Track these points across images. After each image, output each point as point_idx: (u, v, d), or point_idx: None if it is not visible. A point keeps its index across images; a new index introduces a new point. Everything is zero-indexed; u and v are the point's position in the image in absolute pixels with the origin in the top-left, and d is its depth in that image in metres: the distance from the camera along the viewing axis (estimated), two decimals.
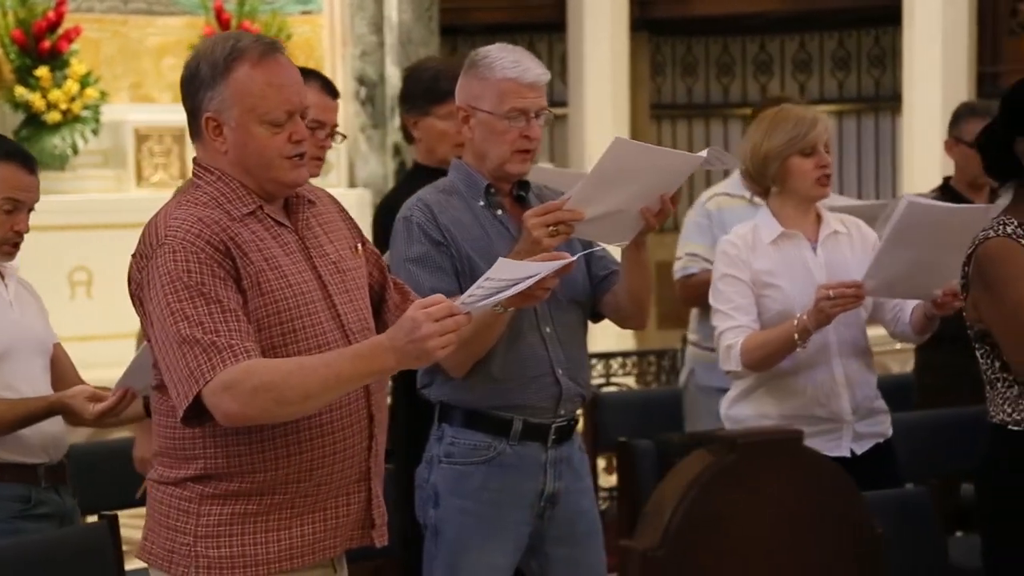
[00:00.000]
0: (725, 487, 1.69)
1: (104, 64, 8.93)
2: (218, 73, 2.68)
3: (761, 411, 3.85)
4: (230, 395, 2.55)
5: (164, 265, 2.61)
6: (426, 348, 2.49)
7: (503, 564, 3.38)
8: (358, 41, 9.32)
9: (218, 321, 2.59)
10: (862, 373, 3.85)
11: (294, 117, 2.71)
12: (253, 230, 2.70)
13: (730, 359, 3.79)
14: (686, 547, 1.66)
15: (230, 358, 2.56)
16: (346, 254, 2.83)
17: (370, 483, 2.79)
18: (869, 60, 10.67)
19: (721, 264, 3.88)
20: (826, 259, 3.84)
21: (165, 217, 2.68)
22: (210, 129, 2.70)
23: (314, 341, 2.70)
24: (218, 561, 2.67)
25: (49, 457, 3.62)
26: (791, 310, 3.76)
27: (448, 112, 4.34)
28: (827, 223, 3.91)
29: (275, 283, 2.68)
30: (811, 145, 3.79)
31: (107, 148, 8.72)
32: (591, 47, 9.79)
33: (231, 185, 2.71)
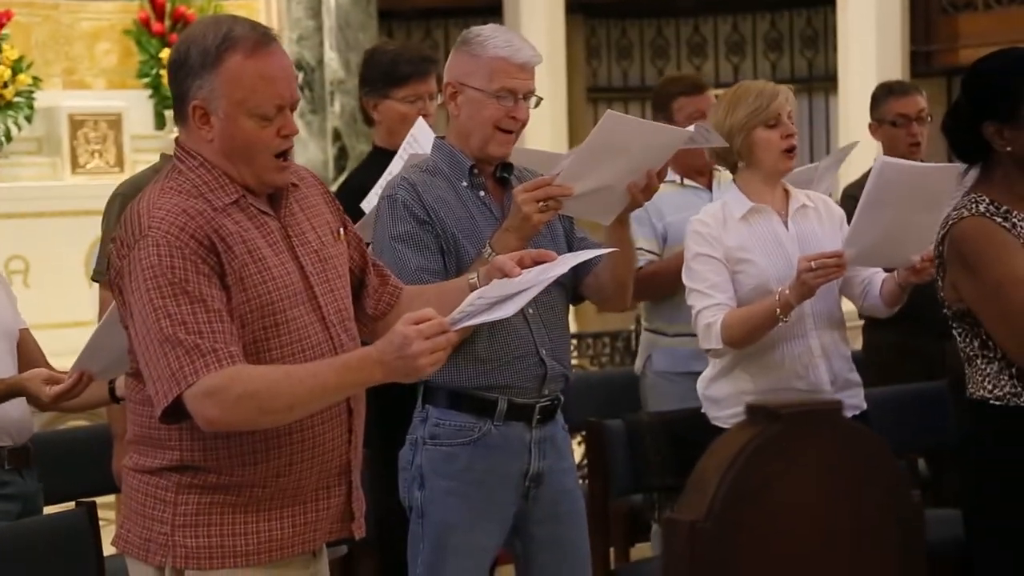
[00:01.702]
0: (769, 458, 1.69)
1: (36, 49, 8.79)
2: (209, 61, 2.60)
3: (740, 387, 3.86)
4: (213, 401, 2.51)
5: (147, 258, 2.56)
6: (416, 365, 2.47)
7: (489, 544, 3.38)
8: (295, 25, 9.25)
9: (202, 322, 2.54)
10: (837, 344, 3.87)
11: (284, 111, 2.65)
12: (236, 220, 2.64)
13: (710, 337, 3.79)
14: (732, 518, 1.66)
15: (214, 363, 2.52)
16: (328, 240, 2.78)
17: (350, 476, 2.76)
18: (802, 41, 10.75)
19: (693, 244, 3.88)
20: (797, 232, 3.85)
21: (148, 206, 2.62)
22: (197, 117, 2.64)
23: (296, 335, 2.65)
24: (195, 551, 2.63)
25: (12, 440, 3.58)
26: (766, 285, 3.77)
27: (407, 95, 4.34)
28: (795, 197, 3.92)
29: (258, 277, 2.63)
30: (774, 116, 3.80)
31: (41, 135, 8.60)
32: (527, 30, 9.77)
33: (214, 173, 2.66)
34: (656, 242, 4.74)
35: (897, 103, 5.23)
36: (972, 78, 3.34)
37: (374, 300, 2.95)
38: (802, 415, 1.72)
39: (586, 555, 3.50)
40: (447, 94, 3.43)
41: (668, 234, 4.75)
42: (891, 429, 4.39)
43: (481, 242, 3.32)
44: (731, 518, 1.68)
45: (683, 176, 4.83)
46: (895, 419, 4.53)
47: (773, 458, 1.71)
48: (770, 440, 1.71)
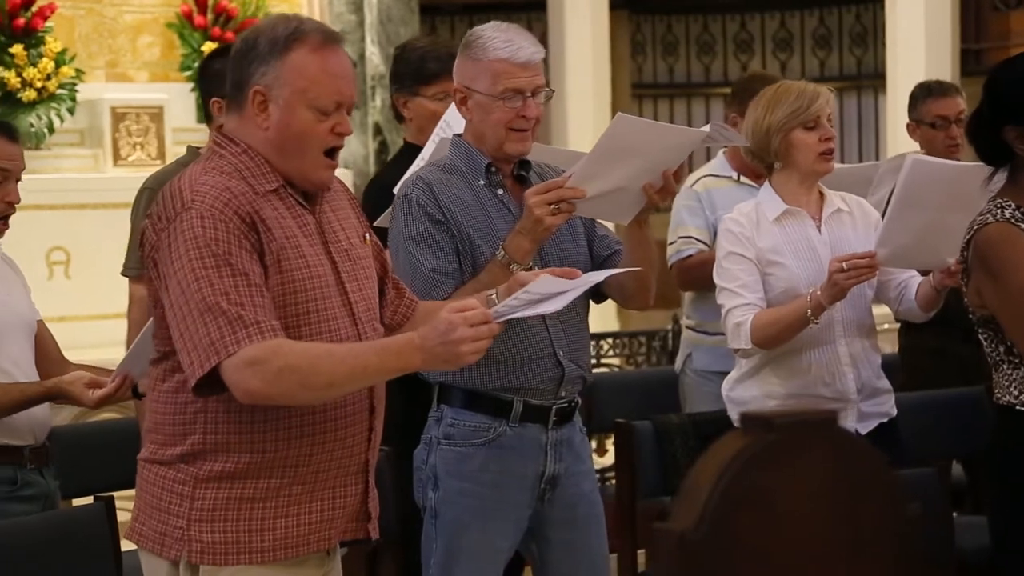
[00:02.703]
0: (762, 468, 1.64)
1: (79, 42, 8.82)
2: (277, 50, 2.66)
3: (765, 391, 3.82)
4: (253, 372, 2.51)
5: (191, 230, 2.57)
6: (458, 352, 2.49)
7: (503, 546, 3.34)
8: (337, 20, 9.24)
9: (244, 294, 2.55)
10: (867, 352, 3.82)
11: (341, 109, 2.69)
12: (275, 207, 2.66)
13: (739, 337, 3.74)
14: (724, 528, 1.61)
15: (256, 334, 2.52)
16: (356, 242, 2.80)
17: (367, 475, 2.76)
18: (851, 38, 10.65)
19: (725, 242, 3.83)
20: (830, 237, 3.81)
21: (191, 182, 2.63)
22: (255, 103, 2.67)
23: (325, 325, 2.66)
24: (211, 546, 2.62)
25: (35, 439, 3.58)
26: (796, 289, 3.72)
27: (437, 92, 4.31)
28: (830, 201, 3.87)
29: (294, 262, 2.64)
30: (814, 118, 3.75)
31: (83, 127, 8.63)
32: (572, 26, 9.73)
33: (256, 160, 2.68)
34: (708, 232, 4.72)
35: (936, 104, 5.15)
36: (993, 82, 3.29)
37: (390, 310, 2.96)
38: (796, 425, 1.67)
39: (603, 559, 3.45)
40: (457, 99, 3.40)
41: (718, 228, 4.71)
42: (926, 434, 4.33)
43: (497, 242, 3.28)
44: (722, 528, 1.63)
45: (740, 173, 4.78)
46: (931, 424, 4.46)
47: (766, 468, 1.66)
48: (763, 450, 1.65)
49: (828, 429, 1.70)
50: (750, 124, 3.86)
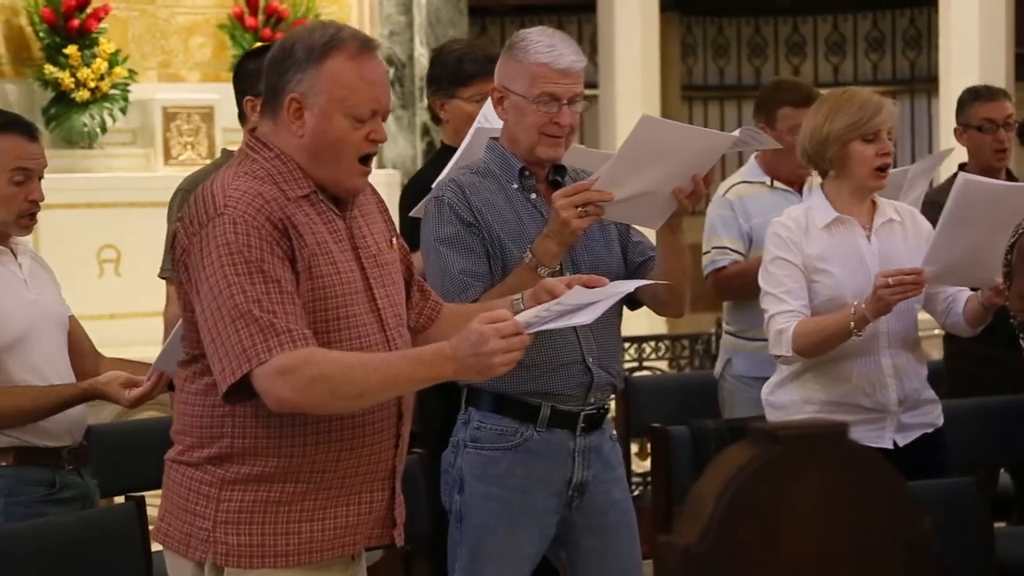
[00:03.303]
0: (768, 480, 1.63)
1: (132, 43, 8.91)
2: (314, 57, 2.66)
3: (804, 397, 3.79)
4: (285, 380, 2.52)
5: (223, 235, 2.57)
6: (491, 363, 2.49)
7: (528, 552, 3.33)
8: (386, 21, 9.28)
9: (276, 301, 2.55)
10: (911, 364, 3.77)
11: (377, 117, 2.69)
12: (307, 213, 2.66)
13: (781, 344, 3.72)
14: (729, 541, 1.60)
15: (288, 343, 2.52)
16: (384, 247, 2.80)
17: (394, 481, 2.75)
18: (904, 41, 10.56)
19: (773, 246, 3.80)
20: (879, 247, 3.76)
21: (223, 187, 2.63)
22: (291, 111, 2.67)
23: (355, 332, 2.66)
24: (237, 549, 2.63)
25: (72, 439, 3.59)
26: (842, 297, 3.69)
27: (473, 94, 4.31)
28: (882, 211, 3.83)
29: (325, 269, 2.64)
30: (874, 131, 3.70)
31: (135, 127, 8.71)
32: (621, 28, 9.71)
33: (288, 166, 2.68)
34: (742, 242, 4.69)
35: (984, 108, 5.10)
36: None
37: (415, 313, 2.96)
38: (802, 437, 1.65)
39: (636, 567, 3.43)
40: (495, 98, 3.40)
41: (754, 235, 4.70)
42: (972, 442, 4.29)
43: (528, 246, 3.27)
44: (726, 541, 1.62)
45: (773, 178, 4.76)
46: (977, 432, 4.41)
47: (771, 481, 1.64)
48: (769, 462, 1.64)
49: (835, 441, 1.68)
50: (808, 128, 3.81)
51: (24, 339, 3.49)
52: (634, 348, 6.90)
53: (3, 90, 8.53)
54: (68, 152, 8.43)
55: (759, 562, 1.64)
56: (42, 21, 8.47)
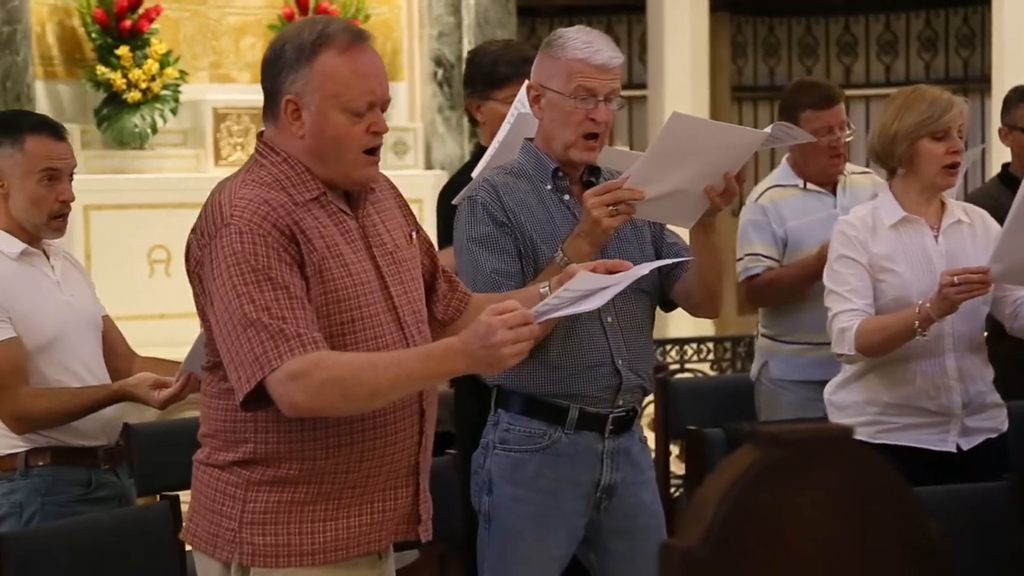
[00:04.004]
0: (771, 484, 1.62)
1: (184, 43, 8.98)
2: (304, 56, 2.65)
3: (866, 398, 3.77)
4: (297, 386, 2.53)
5: (230, 245, 2.57)
6: (500, 355, 2.47)
7: (556, 554, 3.33)
8: (435, 22, 9.29)
9: (285, 308, 2.56)
10: (977, 367, 3.74)
11: (375, 108, 2.68)
12: (316, 216, 2.66)
13: (843, 342, 3.69)
14: (730, 546, 1.59)
15: (298, 347, 2.53)
16: (402, 243, 2.79)
17: (418, 477, 2.76)
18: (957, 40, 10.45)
19: (838, 244, 3.78)
20: (947, 248, 3.73)
21: (230, 196, 2.64)
22: (288, 112, 2.67)
23: (371, 332, 2.67)
24: (263, 549, 2.65)
25: (108, 439, 3.63)
26: (908, 297, 3.66)
27: (508, 96, 4.31)
28: (951, 211, 3.80)
29: (336, 272, 2.64)
30: (944, 128, 3.67)
31: (186, 127, 8.78)
32: (671, 28, 9.67)
33: (296, 169, 2.68)
34: (776, 248, 4.66)
35: None
36: None
37: (443, 305, 2.95)
38: (807, 441, 1.65)
39: None
40: (531, 97, 3.39)
41: (789, 239, 4.67)
42: None
43: (559, 246, 3.27)
44: (729, 545, 1.62)
45: (805, 180, 4.73)
46: None
47: (776, 484, 1.64)
48: (773, 466, 1.63)
49: (840, 445, 1.68)
50: (877, 126, 3.80)
51: (57, 340, 3.53)
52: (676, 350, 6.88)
53: (56, 91, 8.62)
54: (119, 153, 8.51)
55: (761, 566, 1.64)
56: (94, 22, 8.55)
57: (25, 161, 3.53)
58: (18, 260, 3.55)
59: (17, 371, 3.46)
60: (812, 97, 4.72)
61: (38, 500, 3.50)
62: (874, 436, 3.76)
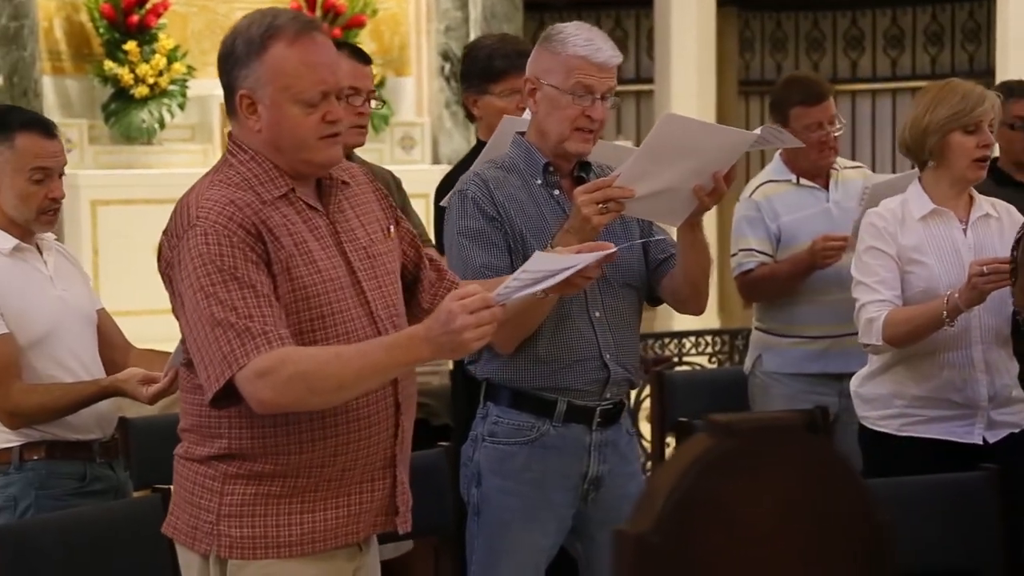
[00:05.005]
0: (723, 472, 1.65)
1: (192, 39, 9.02)
2: (253, 50, 2.65)
3: (893, 390, 3.80)
4: (264, 383, 2.56)
5: (196, 247, 2.60)
6: (461, 340, 2.48)
7: (544, 545, 3.36)
8: (443, 16, 9.32)
9: (251, 306, 2.58)
10: (1003, 361, 3.75)
11: (329, 97, 2.68)
12: (284, 213, 2.68)
13: (871, 332, 3.72)
14: (682, 532, 1.62)
15: (264, 345, 2.56)
16: (378, 237, 2.80)
17: (395, 469, 2.78)
18: (963, 34, 10.44)
19: (867, 235, 3.80)
20: (975, 241, 3.75)
21: (197, 197, 2.67)
22: (244, 107, 2.68)
23: (342, 328, 2.68)
24: (240, 541, 2.68)
25: (103, 432, 3.66)
26: (936, 289, 3.68)
27: (504, 90, 4.34)
28: (979, 205, 3.82)
29: (304, 269, 2.66)
30: (975, 122, 3.69)
31: (194, 123, 8.82)
32: (678, 22, 9.69)
33: (264, 166, 2.69)
34: (769, 243, 4.68)
35: (1016, 105, 5.03)
36: None
37: (430, 295, 2.97)
38: (760, 431, 1.68)
39: None
40: (526, 90, 3.41)
41: (782, 234, 4.70)
42: None
43: (549, 241, 3.29)
44: (681, 532, 1.65)
45: (798, 175, 4.75)
46: None
47: (728, 473, 1.67)
48: (725, 455, 1.67)
49: (792, 435, 1.71)
50: (909, 119, 3.81)
51: (50, 335, 3.56)
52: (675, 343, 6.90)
53: (64, 86, 8.68)
54: (127, 148, 8.56)
55: (713, 552, 1.67)
56: (102, 17, 8.60)
57: (15, 159, 3.55)
58: (10, 256, 3.58)
59: (9, 367, 3.49)
60: (801, 93, 4.75)
61: (32, 494, 3.53)
62: (900, 429, 3.79)
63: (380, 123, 9.12)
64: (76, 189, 7.96)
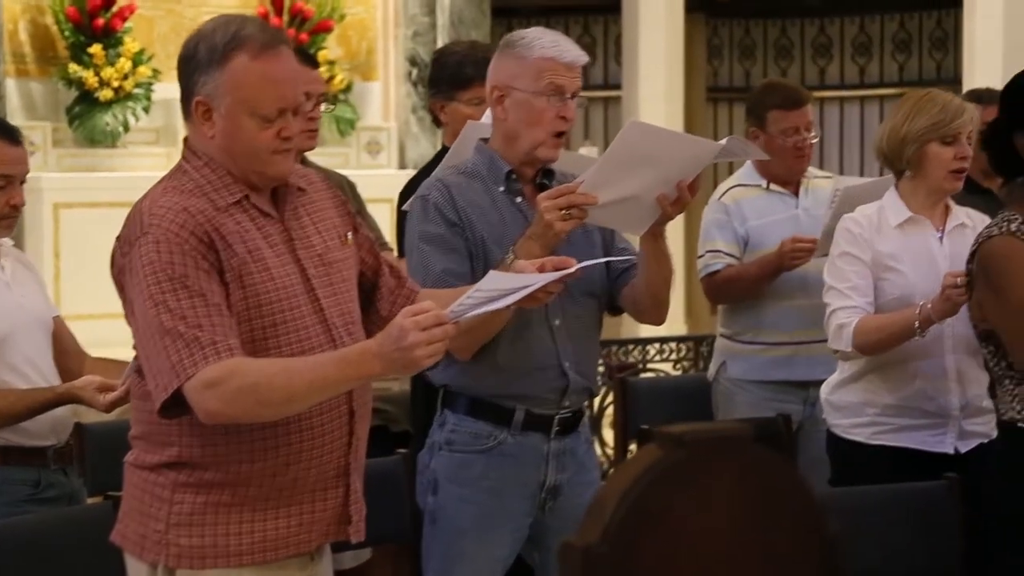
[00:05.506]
0: (671, 484, 1.63)
1: (158, 42, 8.98)
2: (215, 59, 2.62)
3: (864, 398, 3.78)
4: (213, 393, 2.53)
5: (147, 255, 2.57)
6: (413, 357, 2.46)
7: (500, 554, 3.34)
8: (410, 22, 9.31)
9: (201, 315, 2.55)
10: (974, 370, 3.72)
11: (286, 114, 2.65)
12: (238, 220, 2.65)
13: (841, 339, 3.71)
14: (629, 544, 1.60)
15: (213, 355, 2.53)
16: (333, 244, 2.77)
17: (349, 478, 2.74)
18: (931, 42, 10.48)
19: (842, 240, 3.79)
20: (951, 250, 3.74)
21: (150, 204, 2.63)
22: (199, 113, 2.65)
23: (295, 336, 2.65)
24: (189, 550, 2.64)
25: (58, 438, 3.63)
26: (911, 297, 3.67)
27: (472, 98, 4.32)
28: (955, 215, 3.81)
29: (257, 276, 2.63)
30: (954, 133, 3.67)
31: (159, 126, 8.78)
32: (646, 29, 9.69)
33: (218, 172, 2.66)
34: (737, 246, 4.68)
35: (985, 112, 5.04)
36: (1009, 89, 3.21)
37: (389, 302, 2.93)
38: (707, 442, 1.66)
39: None
40: (493, 98, 3.38)
41: (750, 238, 4.69)
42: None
43: (511, 248, 3.27)
44: (629, 543, 1.63)
45: (769, 181, 4.75)
46: None
47: (676, 484, 1.65)
48: (673, 466, 1.64)
49: (741, 446, 1.69)
50: (887, 127, 3.81)
51: (6, 341, 3.53)
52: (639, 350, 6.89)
53: (28, 89, 8.62)
54: (91, 151, 8.51)
55: (660, 564, 1.65)
56: (67, 20, 8.56)
57: None
58: None
59: None
60: (779, 98, 4.75)
61: None
62: (871, 438, 3.78)
63: (347, 127, 9.10)
64: (39, 192, 7.91)
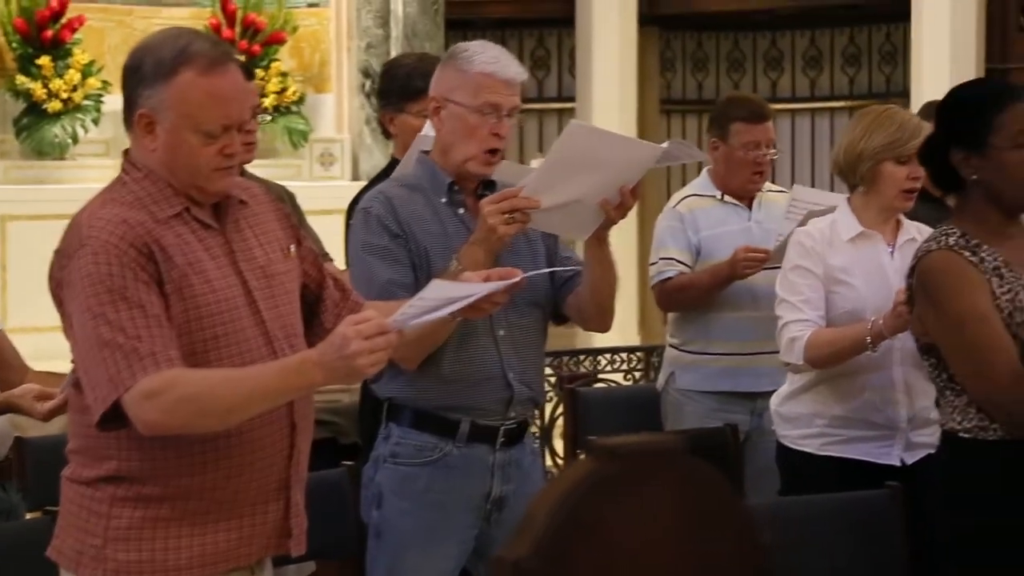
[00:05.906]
0: (604, 496, 1.62)
1: (108, 53, 8.90)
2: (162, 73, 2.60)
3: (814, 410, 3.80)
4: (151, 404, 2.51)
5: (86, 267, 2.55)
6: (355, 365, 2.46)
7: (446, 568, 3.32)
8: (364, 34, 9.28)
9: (140, 327, 2.54)
10: (922, 382, 3.71)
11: (230, 131, 2.64)
12: (178, 233, 2.63)
13: (792, 352, 3.72)
14: (561, 557, 1.59)
15: (152, 366, 2.51)
16: (276, 257, 2.76)
17: (289, 492, 2.72)
18: (880, 56, 10.55)
19: (794, 254, 3.81)
20: (902, 264, 3.73)
21: (89, 216, 2.62)
22: (142, 125, 2.64)
23: (236, 348, 2.64)
24: (127, 565, 2.62)
25: None
26: (862, 311, 3.69)
27: (421, 109, 4.32)
28: (906, 229, 3.84)
29: (198, 288, 2.62)
30: (909, 153, 3.68)
31: (108, 138, 8.69)
32: (599, 42, 9.71)
33: (158, 185, 2.65)
34: (689, 254, 4.70)
35: None
36: (944, 105, 3.24)
37: (333, 315, 2.91)
38: (641, 454, 1.65)
39: None
40: (431, 108, 3.39)
41: (702, 248, 4.71)
42: None
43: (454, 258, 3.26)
44: (560, 557, 1.62)
45: (723, 192, 4.77)
46: None
47: (609, 496, 1.64)
48: (606, 478, 1.64)
49: (675, 458, 1.68)
50: (844, 142, 3.83)
51: None
52: (590, 360, 6.89)
53: None
54: (39, 163, 8.43)
55: None
56: (15, 31, 8.47)
57: None
58: None
59: None
60: (743, 111, 4.79)
61: None
62: (820, 448, 3.80)
63: (299, 139, 9.06)
64: None
